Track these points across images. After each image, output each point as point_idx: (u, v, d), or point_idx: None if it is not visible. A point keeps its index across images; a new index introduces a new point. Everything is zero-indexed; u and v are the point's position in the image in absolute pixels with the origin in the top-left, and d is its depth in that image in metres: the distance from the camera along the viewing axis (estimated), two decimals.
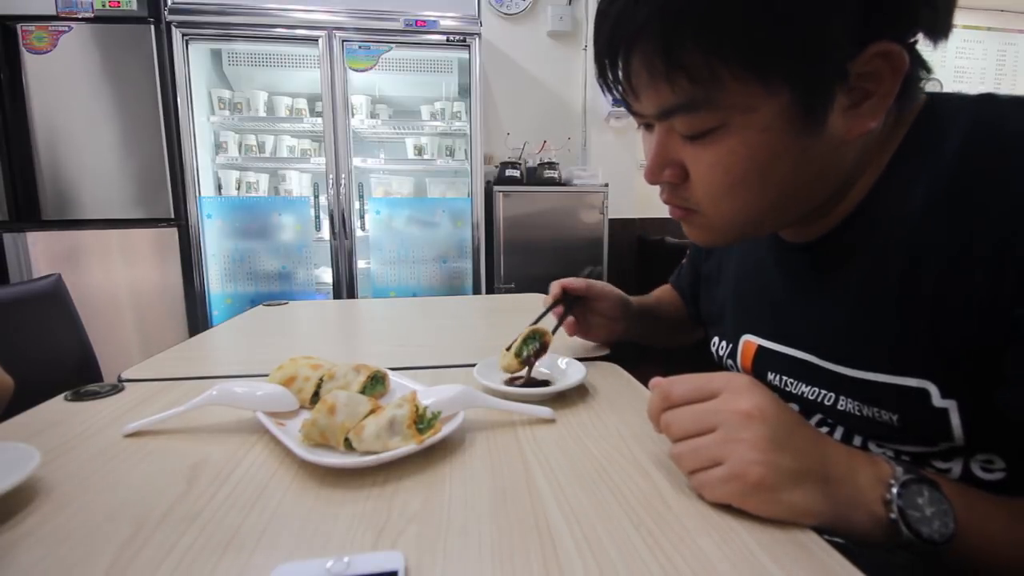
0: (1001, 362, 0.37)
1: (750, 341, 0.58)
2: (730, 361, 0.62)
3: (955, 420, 0.40)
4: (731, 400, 0.38)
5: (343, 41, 2.33)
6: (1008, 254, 0.36)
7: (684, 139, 0.42)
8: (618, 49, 0.40)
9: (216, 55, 2.58)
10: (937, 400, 0.41)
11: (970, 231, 0.38)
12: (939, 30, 0.39)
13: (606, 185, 2.62)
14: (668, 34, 0.37)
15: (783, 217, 0.46)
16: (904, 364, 0.42)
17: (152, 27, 2.17)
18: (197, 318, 2.38)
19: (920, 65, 0.41)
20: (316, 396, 0.57)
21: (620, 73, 0.42)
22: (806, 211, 0.46)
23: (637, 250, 3.05)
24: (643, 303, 0.84)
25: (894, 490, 0.36)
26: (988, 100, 0.41)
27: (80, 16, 2.13)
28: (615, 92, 0.44)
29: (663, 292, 0.90)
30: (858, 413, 0.45)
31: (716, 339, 0.66)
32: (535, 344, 0.67)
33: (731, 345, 0.61)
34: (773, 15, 0.35)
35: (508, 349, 0.67)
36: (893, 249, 0.43)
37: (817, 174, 0.42)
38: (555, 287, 0.77)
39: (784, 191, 0.43)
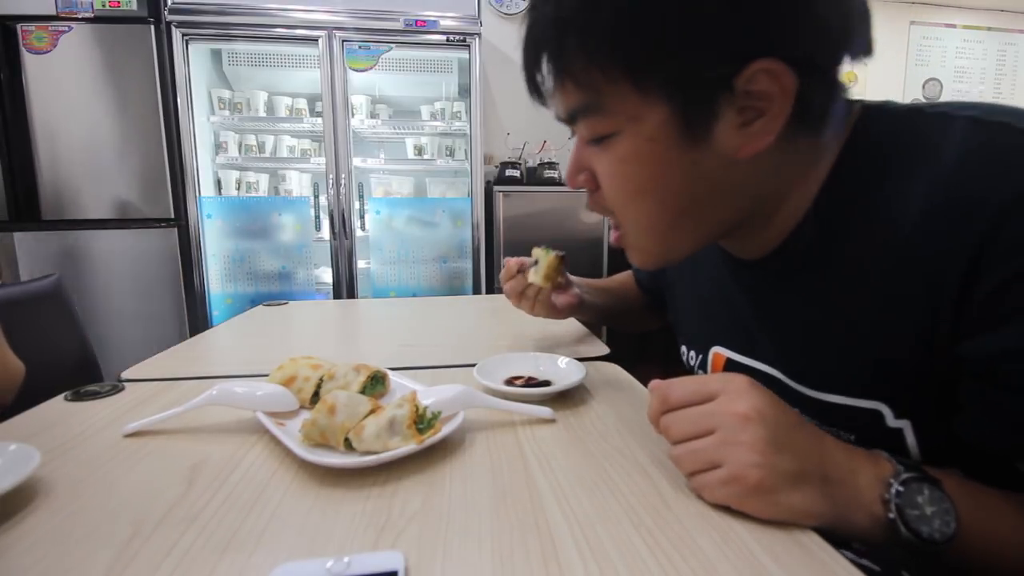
0: (949, 387, 0.38)
1: (719, 353, 0.58)
2: (700, 371, 0.62)
3: (910, 439, 0.41)
4: (729, 402, 0.38)
5: (343, 41, 2.33)
6: (944, 288, 0.36)
7: (591, 144, 0.44)
8: (528, 60, 0.43)
9: (216, 55, 2.58)
10: (891, 421, 0.42)
11: (908, 259, 0.38)
12: (842, 48, 0.38)
13: None
14: (556, 42, 0.40)
15: (699, 232, 0.46)
16: (855, 386, 0.43)
17: (152, 27, 2.17)
18: (197, 318, 2.37)
19: (826, 85, 0.40)
20: (316, 396, 0.57)
21: (536, 84, 0.44)
22: (728, 227, 0.46)
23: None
24: (590, 280, 0.86)
25: (893, 489, 0.36)
26: (917, 113, 0.41)
27: (80, 16, 2.13)
28: (541, 101, 0.45)
29: (623, 276, 0.92)
30: None
31: (685, 348, 0.66)
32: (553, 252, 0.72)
33: (701, 356, 0.62)
34: (642, 29, 0.36)
35: (533, 268, 0.73)
36: (836, 270, 0.43)
37: (716, 189, 0.42)
38: (511, 261, 0.79)
39: (684, 204, 0.43)
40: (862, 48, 0.40)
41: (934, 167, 0.38)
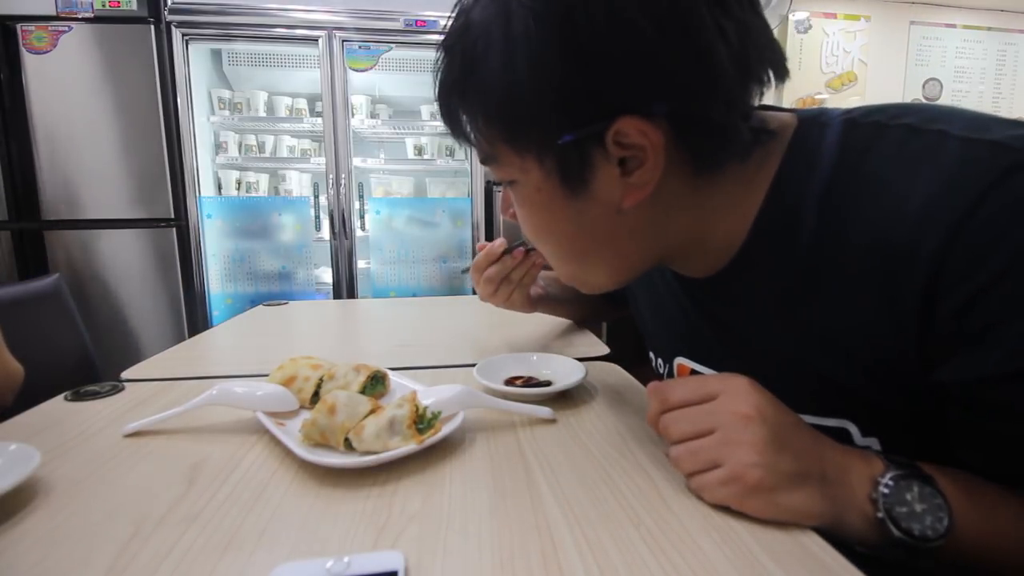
0: (927, 408, 0.38)
1: (683, 364, 0.59)
2: (669, 380, 0.62)
3: None
4: (730, 402, 0.38)
5: (343, 41, 2.33)
6: (903, 307, 0.36)
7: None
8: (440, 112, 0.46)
9: (216, 55, 2.58)
10: (858, 439, 0.42)
11: (862, 278, 0.38)
12: (717, 96, 0.37)
13: None
14: (446, 106, 0.43)
15: (614, 268, 0.48)
16: (820, 405, 0.43)
17: (152, 27, 2.17)
18: (197, 318, 2.37)
19: (712, 130, 0.38)
20: (316, 396, 0.57)
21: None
22: (649, 262, 0.48)
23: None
24: (549, 272, 0.86)
25: (880, 487, 0.35)
26: (851, 124, 0.40)
27: (80, 16, 2.13)
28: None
29: None
30: None
31: (652, 355, 0.67)
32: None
33: (668, 365, 0.62)
34: (505, 99, 0.38)
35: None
36: (788, 289, 0.43)
37: (612, 234, 0.44)
38: (495, 242, 0.77)
39: (584, 246, 0.45)
40: (762, 83, 0.39)
41: (875, 181, 0.37)
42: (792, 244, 0.42)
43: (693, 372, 0.57)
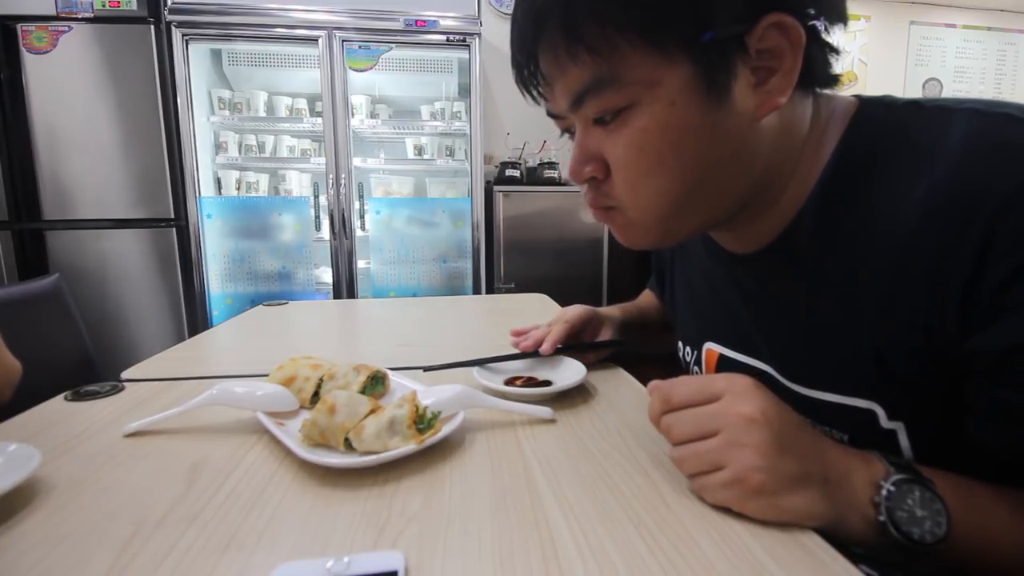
0: (954, 388, 0.38)
1: (712, 349, 0.58)
2: (696, 368, 0.62)
3: (903, 441, 0.41)
4: (734, 403, 0.38)
5: (343, 41, 2.33)
6: (949, 284, 0.36)
7: (600, 128, 0.42)
8: (527, 42, 0.41)
9: (216, 55, 2.58)
10: (884, 422, 0.42)
11: (910, 255, 0.38)
12: (830, 10, 0.40)
13: None
14: (565, 10, 0.38)
15: (711, 207, 0.44)
16: (851, 385, 0.43)
17: (152, 27, 2.17)
18: (197, 318, 2.37)
19: (823, 46, 0.41)
20: (316, 396, 0.57)
21: (535, 69, 0.42)
22: (731, 206, 0.45)
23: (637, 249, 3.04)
24: (627, 311, 0.83)
25: (883, 491, 0.35)
26: (915, 107, 0.41)
27: (80, 16, 2.13)
28: (535, 93, 0.44)
29: (645, 296, 0.90)
30: None
31: (681, 344, 0.66)
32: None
33: (696, 352, 0.61)
34: None
35: None
36: (834, 266, 0.43)
37: (733, 154, 0.41)
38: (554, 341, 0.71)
39: (701, 173, 0.41)
40: (842, 16, 0.41)
41: (935, 160, 0.37)
42: (848, 219, 0.42)
43: (722, 356, 0.56)
